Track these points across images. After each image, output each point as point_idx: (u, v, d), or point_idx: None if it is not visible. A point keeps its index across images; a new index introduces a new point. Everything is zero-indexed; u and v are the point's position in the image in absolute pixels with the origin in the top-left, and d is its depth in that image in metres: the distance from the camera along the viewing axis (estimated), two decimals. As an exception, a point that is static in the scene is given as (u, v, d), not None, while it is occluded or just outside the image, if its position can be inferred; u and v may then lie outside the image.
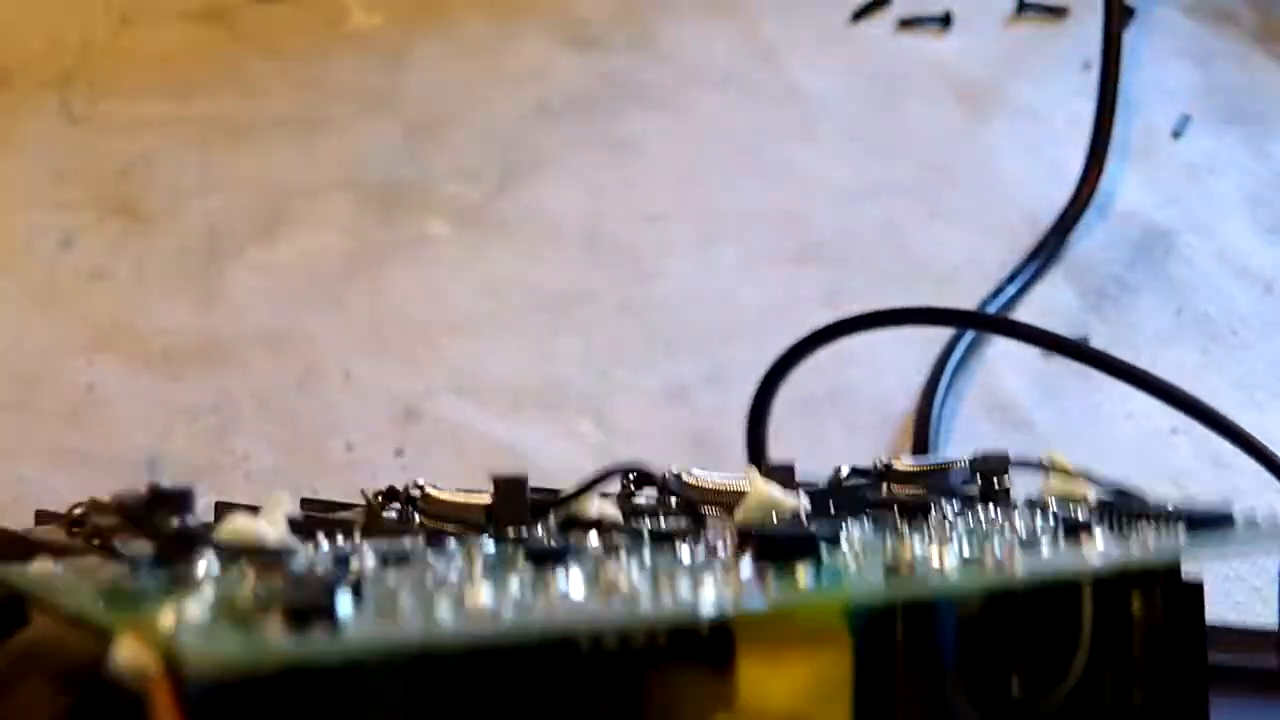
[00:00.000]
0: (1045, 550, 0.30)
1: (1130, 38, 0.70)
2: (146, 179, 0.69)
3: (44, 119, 0.71)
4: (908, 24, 0.73)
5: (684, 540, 0.30)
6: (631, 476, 0.38)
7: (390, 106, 0.73)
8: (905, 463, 0.39)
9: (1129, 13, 0.71)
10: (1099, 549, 0.30)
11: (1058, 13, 0.73)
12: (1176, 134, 0.65)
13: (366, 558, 0.27)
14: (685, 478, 0.37)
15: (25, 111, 0.71)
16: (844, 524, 0.34)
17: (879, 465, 0.39)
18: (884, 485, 0.39)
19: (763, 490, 0.34)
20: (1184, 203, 0.65)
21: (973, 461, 0.38)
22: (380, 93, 0.74)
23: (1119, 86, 0.64)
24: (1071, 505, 0.36)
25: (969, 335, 0.58)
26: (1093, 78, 0.69)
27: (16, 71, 0.73)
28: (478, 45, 0.76)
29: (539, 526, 0.32)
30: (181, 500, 0.26)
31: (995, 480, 0.38)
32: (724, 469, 0.43)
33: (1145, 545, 0.31)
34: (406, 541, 0.30)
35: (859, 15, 0.74)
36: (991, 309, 0.59)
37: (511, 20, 0.77)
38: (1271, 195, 0.64)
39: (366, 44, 0.76)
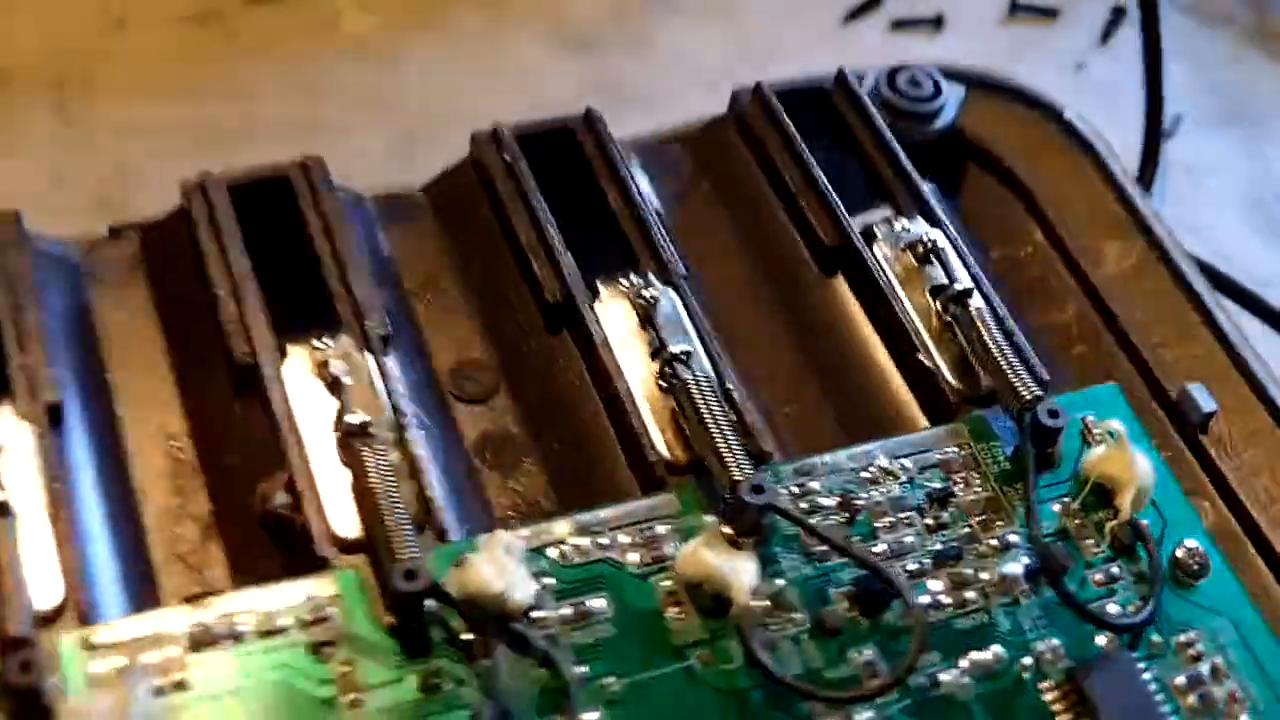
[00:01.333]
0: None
1: (1125, 38, 0.65)
2: (142, 182, 0.65)
3: (40, 122, 0.67)
4: (900, 25, 0.69)
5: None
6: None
7: (385, 109, 0.69)
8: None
9: (1122, 13, 0.66)
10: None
11: (1049, 14, 0.68)
12: (1168, 134, 0.60)
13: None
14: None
15: (21, 115, 0.67)
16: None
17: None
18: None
19: (705, 558, 0.30)
20: (1180, 203, 0.60)
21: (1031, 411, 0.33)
22: (375, 96, 0.69)
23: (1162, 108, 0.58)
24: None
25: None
26: (1087, 78, 0.64)
27: (12, 75, 0.69)
28: (472, 48, 0.72)
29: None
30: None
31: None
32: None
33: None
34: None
35: (852, 16, 0.69)
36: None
37: (506, 23, 0.73)
38: (1266, 195, 0.59)
39: (361, 47, 0.72)
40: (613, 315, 0.35)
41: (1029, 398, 0.33)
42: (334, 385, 0.32)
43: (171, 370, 0.34)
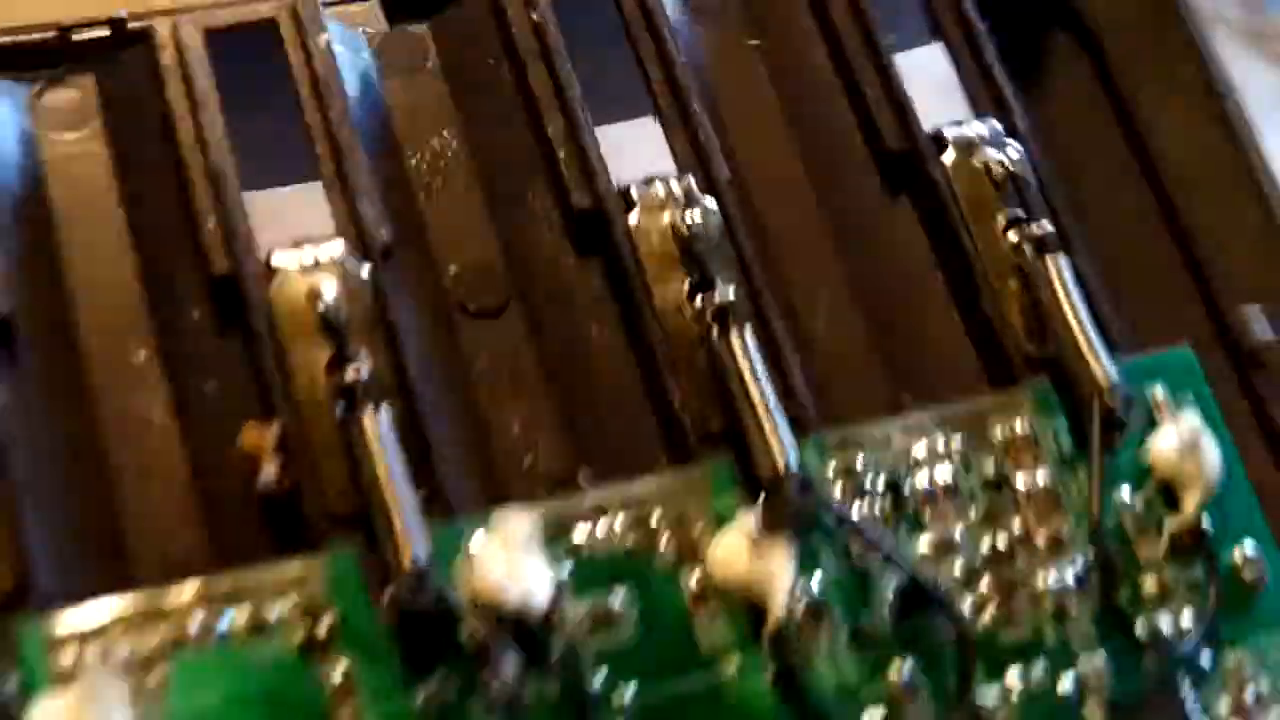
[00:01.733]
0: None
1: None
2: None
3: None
4: None
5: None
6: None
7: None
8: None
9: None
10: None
11: None
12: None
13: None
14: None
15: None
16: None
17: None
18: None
19: (738, 565, 0.26)
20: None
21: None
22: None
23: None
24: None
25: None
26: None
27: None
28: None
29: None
30: None
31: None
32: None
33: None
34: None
35: None
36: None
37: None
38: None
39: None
40: (646, 227, 0.29)
41: (1105, 386, 0.29)
42: (325, 319, 0.27)
43: (139, 277, 0.28)
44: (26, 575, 0.25)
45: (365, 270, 0.28)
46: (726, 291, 0.28)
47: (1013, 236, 0.31)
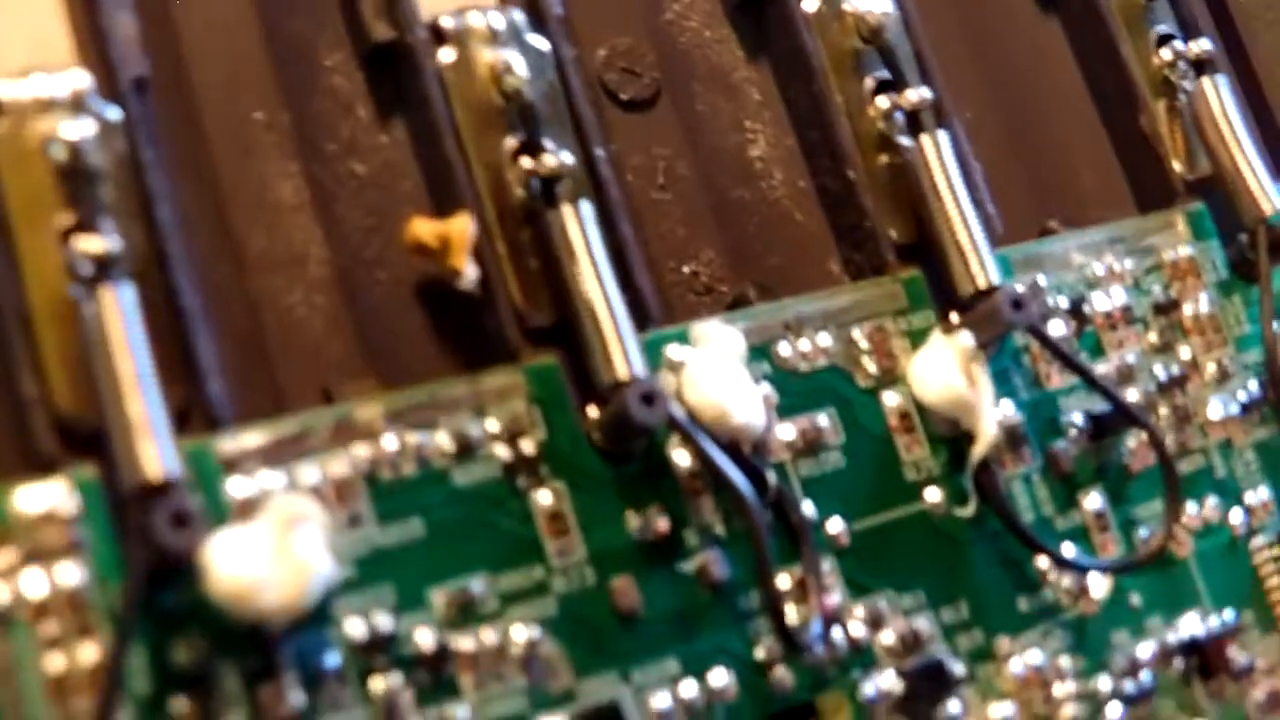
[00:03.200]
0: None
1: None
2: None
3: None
4: None
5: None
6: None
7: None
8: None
9: None
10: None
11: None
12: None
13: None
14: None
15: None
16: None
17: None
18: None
19: (950, 383, 0.23)
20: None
21: None
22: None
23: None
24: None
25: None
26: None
27: None
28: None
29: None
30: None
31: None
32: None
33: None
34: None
35: None
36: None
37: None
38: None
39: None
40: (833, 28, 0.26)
41: (1269, 212, 0.27)
42: (514, 99, 0.23)
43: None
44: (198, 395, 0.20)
45: (544, 44, 0.24)
46: (915, 92, 0.25)
47: (1166, 55, 0.28)
